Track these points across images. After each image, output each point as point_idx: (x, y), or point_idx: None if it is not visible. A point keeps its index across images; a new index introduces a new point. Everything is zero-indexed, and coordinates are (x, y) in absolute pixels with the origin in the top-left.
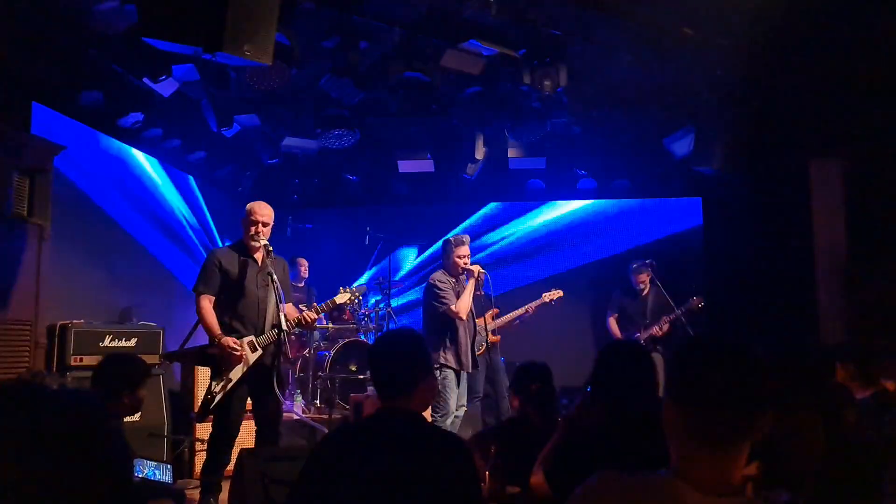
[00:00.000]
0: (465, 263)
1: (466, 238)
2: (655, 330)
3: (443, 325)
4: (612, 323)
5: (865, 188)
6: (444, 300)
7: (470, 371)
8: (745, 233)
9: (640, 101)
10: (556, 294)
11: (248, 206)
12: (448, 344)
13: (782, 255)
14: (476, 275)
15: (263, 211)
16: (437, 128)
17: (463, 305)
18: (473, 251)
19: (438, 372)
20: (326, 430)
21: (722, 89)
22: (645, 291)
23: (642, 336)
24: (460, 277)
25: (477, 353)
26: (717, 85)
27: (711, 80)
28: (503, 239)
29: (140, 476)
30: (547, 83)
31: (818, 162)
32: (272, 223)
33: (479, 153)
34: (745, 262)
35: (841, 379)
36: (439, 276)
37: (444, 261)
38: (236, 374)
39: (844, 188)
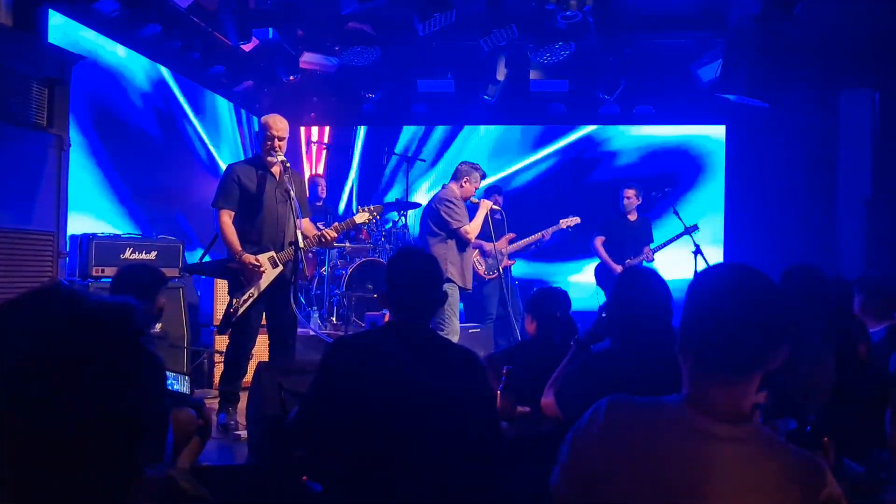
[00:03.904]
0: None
1: (483, 172)
2: (648, 256)
3: (451, 241)
4: (598, 244)
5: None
6: (459, 219)
7: (469, 289)
8: (770, 160)
9: (667, 24)
10: (574, 220)
11: (264, 119)
12: (454, 260)
13: (806, 184)
14: (488, 209)
15: (280, 125)
16: (459, 47)
17: (474, 228)
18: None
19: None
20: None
21: (753, 13)
22: (633, 216)
23: (630, 262)
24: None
25: (491, 276)
26: (747, 8)
27: (742, 4)
28: (523, 164)
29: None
30: (573, 2)
31: (849, 92)
32: (288, 137)
33: (501, 74)
34: (767, 189)
35: (857, 310)
36: (453, 195)
37: (459, 181)
38: (257, 288)
39: (873, 119)
